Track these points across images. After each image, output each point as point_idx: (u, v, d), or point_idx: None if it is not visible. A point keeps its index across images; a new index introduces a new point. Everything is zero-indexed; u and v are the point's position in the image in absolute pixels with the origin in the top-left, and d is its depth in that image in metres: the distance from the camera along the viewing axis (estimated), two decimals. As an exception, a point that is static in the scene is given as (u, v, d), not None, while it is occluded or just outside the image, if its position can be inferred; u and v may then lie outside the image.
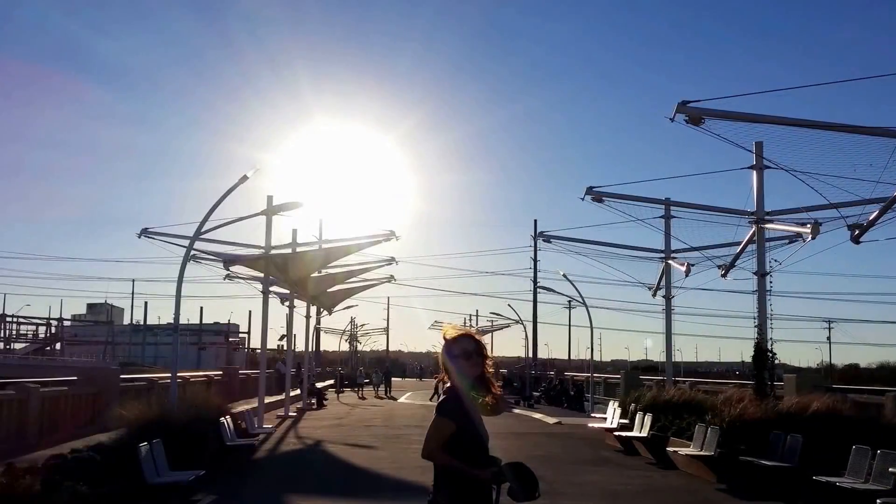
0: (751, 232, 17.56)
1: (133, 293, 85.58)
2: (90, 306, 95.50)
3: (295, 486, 13.31)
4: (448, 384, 4.24)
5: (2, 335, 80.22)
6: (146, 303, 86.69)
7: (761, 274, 16.98)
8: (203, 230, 14.89)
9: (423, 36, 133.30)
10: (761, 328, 16.70)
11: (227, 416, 16.37)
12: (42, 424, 15.51)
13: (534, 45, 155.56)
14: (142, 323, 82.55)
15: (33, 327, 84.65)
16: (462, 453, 3.98)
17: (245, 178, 14.43)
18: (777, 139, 15.12)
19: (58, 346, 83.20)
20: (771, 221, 17.17)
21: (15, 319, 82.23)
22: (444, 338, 4.25)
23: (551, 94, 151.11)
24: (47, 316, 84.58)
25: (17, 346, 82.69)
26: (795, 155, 14.99)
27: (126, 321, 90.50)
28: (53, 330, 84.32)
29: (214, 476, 12.79)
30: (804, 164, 14.93)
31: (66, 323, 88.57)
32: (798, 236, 18.81)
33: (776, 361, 16.95)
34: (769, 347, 16.46)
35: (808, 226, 15.29)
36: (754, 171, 16.99)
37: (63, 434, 15.32)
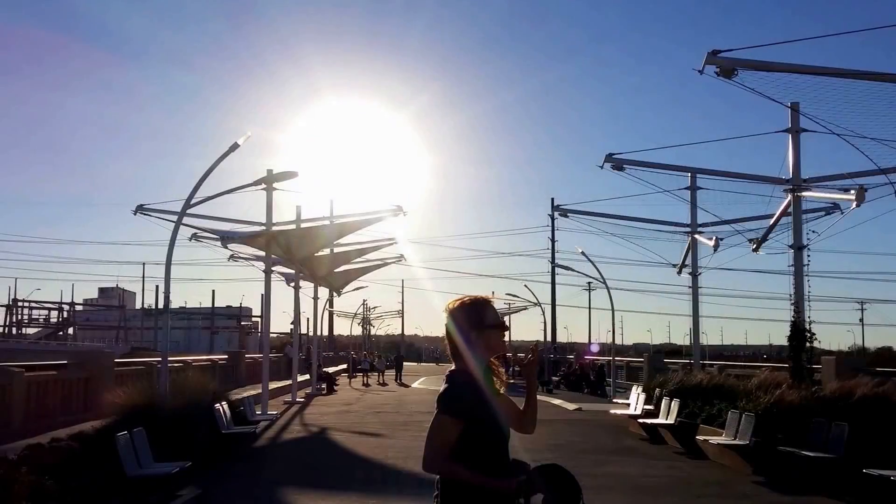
0: (786, 202, 16.27)
1: (144, 276, 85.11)
2: (102, 290, 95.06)
3: (292, 477, 12.29)
4: (454, 368, 3.16)
5: (13, 320, 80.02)
6: (157, 286, 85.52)
7: (798, 247, 15.72)
8: (193, 203, 13.83)
9: (435, 11, 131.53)
10: (798, 306, 15.48)
11: (224, 403, 15.41)
12: (28, 411, 14.59)
13: (550, 17, 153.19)
14: (153, 306, 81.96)
15: (45, 312, 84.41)
16: (476, 458, 2.93)
17: (236, 145, 13.37)
18: (815, 97, 13.80)
19: (70, 330, 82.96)
20: (808, 189, 15.86)
21: (27, 304, 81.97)
22: (470, 301, 3.16)
23: (570, 67, 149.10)
24: (59, 300, 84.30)
25: (30, 330, 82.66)
26: (837, 115, 13.72)
27: (138, 305, 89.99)
28: (65, 314, 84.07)
29: (204, 467, 11.84)
30: (846, 125, 13.66)
31: (78, 307, 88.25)
32: (835, 207, 17.58)
33: (815, 343, 15.70)
34: (807, 327, 15.25)
35: (853, 192, 13.95)
36: (790, 135, 15.72)
37: (51, 422, 14.45)
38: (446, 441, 2.95)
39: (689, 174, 19.62)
